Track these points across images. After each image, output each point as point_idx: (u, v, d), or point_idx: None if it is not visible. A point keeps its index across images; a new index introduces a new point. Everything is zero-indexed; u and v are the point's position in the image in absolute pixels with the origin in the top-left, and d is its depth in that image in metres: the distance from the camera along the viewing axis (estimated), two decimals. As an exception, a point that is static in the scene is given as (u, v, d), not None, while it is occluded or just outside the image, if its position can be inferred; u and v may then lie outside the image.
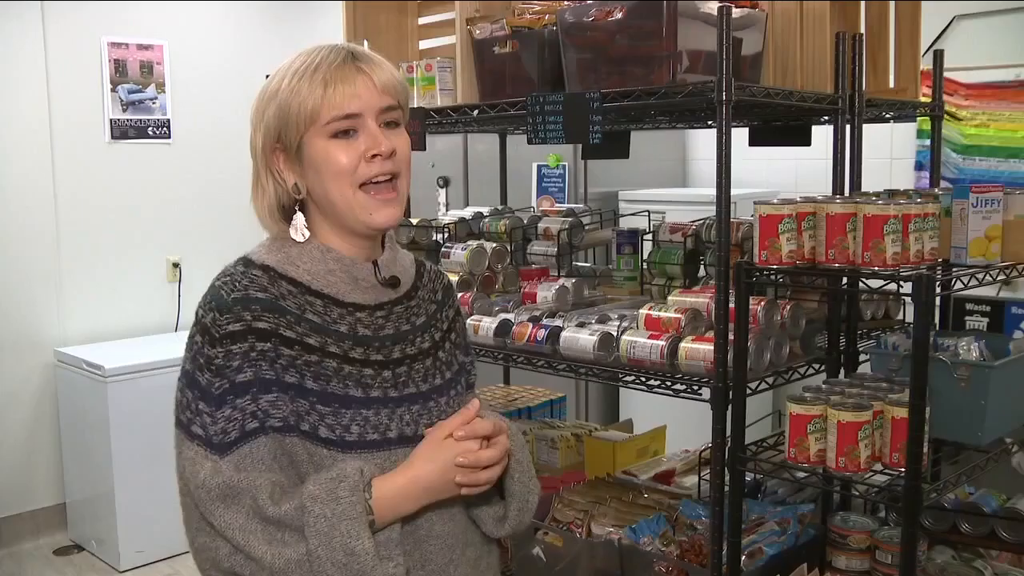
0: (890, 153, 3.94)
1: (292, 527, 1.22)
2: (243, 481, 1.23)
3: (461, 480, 1.30)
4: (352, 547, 1.21)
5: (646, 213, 2.83)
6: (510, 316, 2.25)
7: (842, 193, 2.17)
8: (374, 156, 1.30)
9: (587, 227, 2.72)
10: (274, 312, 1.28)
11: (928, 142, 2.64)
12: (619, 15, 1.94)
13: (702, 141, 4.71)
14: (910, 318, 1.76)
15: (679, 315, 1.98)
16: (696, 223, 2.46)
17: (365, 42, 2.55)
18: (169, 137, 4.72)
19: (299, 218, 1.35)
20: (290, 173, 1.34)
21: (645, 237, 2.60)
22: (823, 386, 1.92)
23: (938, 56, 2.56)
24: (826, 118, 2.31)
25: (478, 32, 2.26)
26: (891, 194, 2.07)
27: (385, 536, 1.26)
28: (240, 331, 1.25)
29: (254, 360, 1.25)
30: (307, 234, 1.35)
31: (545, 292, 2.32)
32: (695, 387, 1.92)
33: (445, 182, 4.62)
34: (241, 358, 1.24)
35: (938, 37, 3.67)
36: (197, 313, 1.30)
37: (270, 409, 1.25)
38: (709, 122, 2.68)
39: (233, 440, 1.24)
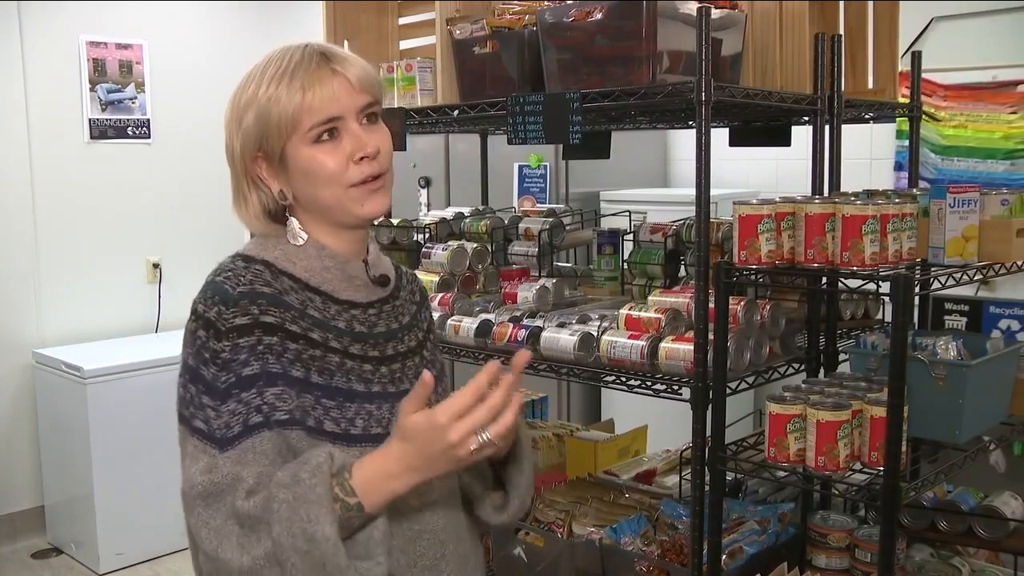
0: (870, 153, 3.96)
1: (262, 520, 1.19)
2: (228, 477, 1.20)
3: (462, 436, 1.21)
4: (311, 532, 1.15)
5: (627, 213, 2.84)
6: (491, 316, 2.24)
7: (822, 193, 2.18)
8: (361, 159, 1.30)
9: (568, 227, 2.71)
10: (279, 306, 1.27)
11: (907, 143, 2.66)
12: (599, 16, 1.94)
13: (684, 141, 4.71)
14: (889, 318, 1.76)
15: (659, 315, 1.98)
16: (676, 223, 2.46)
17: (346, 43, 2.54)
18: (149, 137, 4.69)
19: (294, 223, 1.35)
20: (274, 180, 1.33)
21: (626, 237, 2.61)
22: (802, 386, 1.93)
23: (916, 57, 2.57)
24: (806, 118, 2.32)
25: (458, 32, 2.26)
26: (870, 194, 2.08)
27: (366, 535, 1.23)
28: (247, 324, 1.24)
29: (261, 354, 1.24)
30: (305, 237, 1.35)
31: (526, 292, 2.32)
32: (675, 387, 1.92)
33: (426, 182, 4.61)
34: (248, 352, 1.23)
35: (916, 38, 3.69)
36: (197, 309, 1.27)
37: (276, 402, 1.23)
38: (689, 122, 2.68)
39: (236, 434, 1.22)
